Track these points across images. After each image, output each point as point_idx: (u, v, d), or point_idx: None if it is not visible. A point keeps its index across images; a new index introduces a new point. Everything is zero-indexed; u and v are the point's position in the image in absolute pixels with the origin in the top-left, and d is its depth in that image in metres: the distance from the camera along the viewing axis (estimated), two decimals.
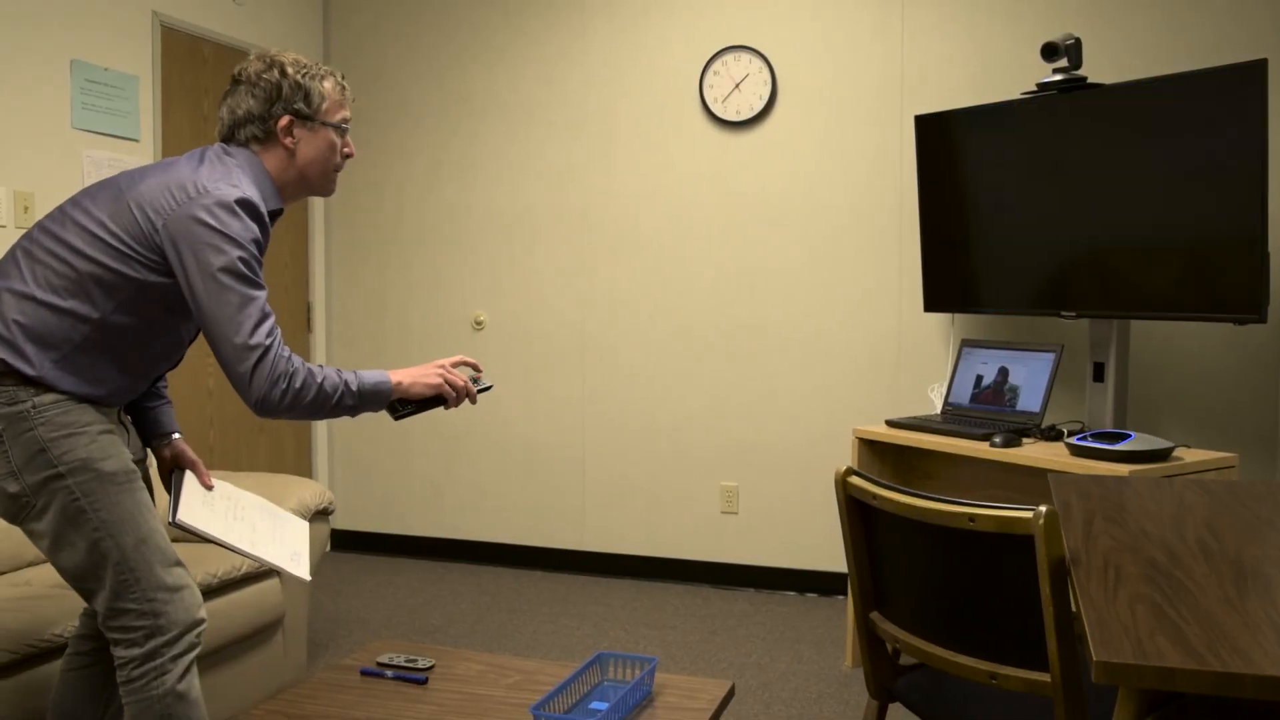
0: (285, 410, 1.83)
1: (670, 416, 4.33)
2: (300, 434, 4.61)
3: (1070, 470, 2.74)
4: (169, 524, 2.00)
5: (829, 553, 4.15)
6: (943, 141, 3.57)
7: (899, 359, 4.02)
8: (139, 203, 1.85)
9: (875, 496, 1.84)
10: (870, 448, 3.37)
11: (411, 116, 4.64)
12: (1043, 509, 1.58)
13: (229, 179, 1.87)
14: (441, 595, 4.14)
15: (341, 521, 4.84)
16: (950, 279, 3.60)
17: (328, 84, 2.00)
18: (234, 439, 4.22)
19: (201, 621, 1.88)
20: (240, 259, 1.81)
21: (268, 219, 1.92)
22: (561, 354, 4.46)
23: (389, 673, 2.09)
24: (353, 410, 1.91)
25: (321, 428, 4.81)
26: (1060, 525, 1.57)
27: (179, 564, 1.91)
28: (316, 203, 4.77)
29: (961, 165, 3.51)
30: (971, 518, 1.65)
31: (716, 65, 4.14)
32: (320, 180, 2.04)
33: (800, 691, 3.15)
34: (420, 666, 2.12)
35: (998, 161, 3.39)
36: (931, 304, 3.68)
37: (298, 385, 1.83)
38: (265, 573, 2.95)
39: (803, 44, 4.07)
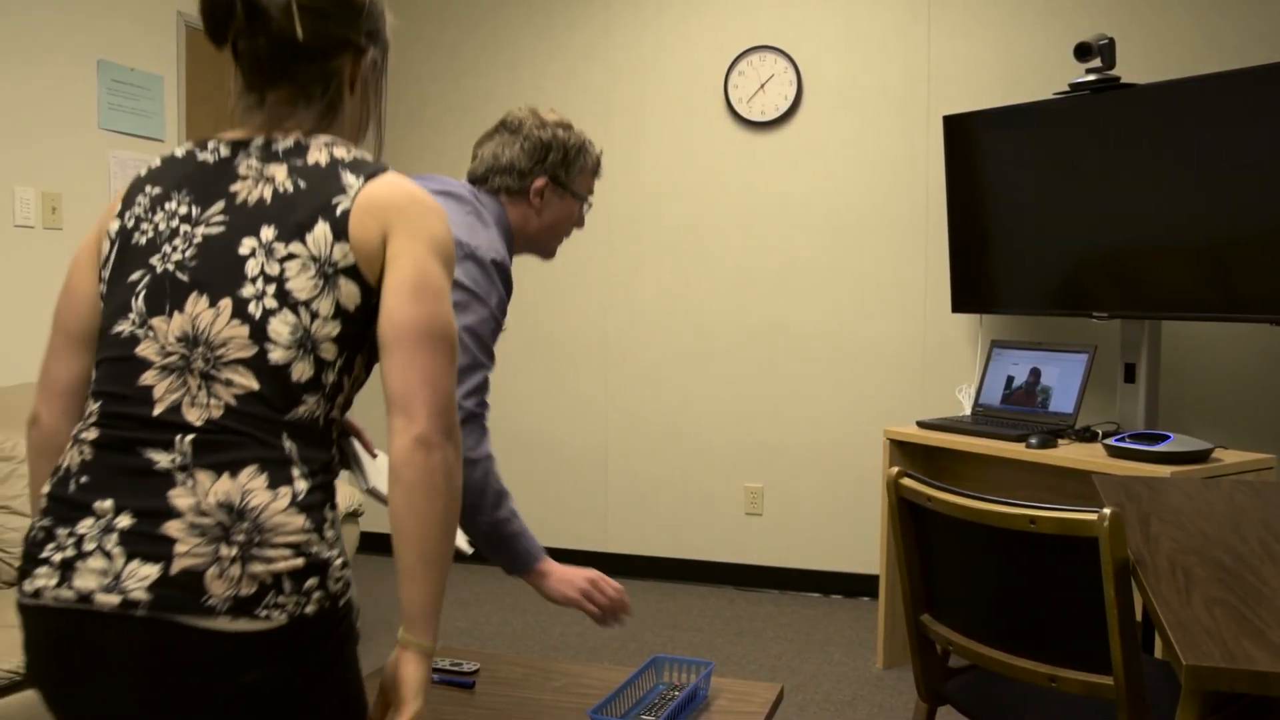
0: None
1: (694, 417, 4.32)
2: None
3: (1108, 472, 2.72)
4: (364, 492, 1.83)
5: (854, 554, 4.14)
6: (972, 142, 3.55)
7: (924, 360, 4.01)
8: None
9: (930, 498, 1.83)
10: (900, 449, 3.36)
11: (432, 116, 4.63)
12: (1106, 511, 1.57)
13: (489, 235, 1.84)
14: (465, 598, 4.13)
15: (369, 524, 4.82)
16: (979, 280, 3.59)
17: (589, 158, 1.98)
18: None
19: None
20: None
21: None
22: (584, 354, 4.45)
23: (435, 676, 2.07)
24: (482, 534, 1.76)
25: None
26: (1124, 527, 1.56)
27: None
28: None
29: (991, 165, 3.50)
30: (1032, 520, 1.64)
31: (741, 65, 4.13)
32: (548, 244, 2.01)
33: (833, 694, 3.13)
34: (466, 670, 2.10)
35: (1028, 162, 3.38)
36: (959, 305, 3.66)
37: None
38: None
39: (828, 44, 4.06)
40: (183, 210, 1.20)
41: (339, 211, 1.18)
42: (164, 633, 1.05)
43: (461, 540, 1.73)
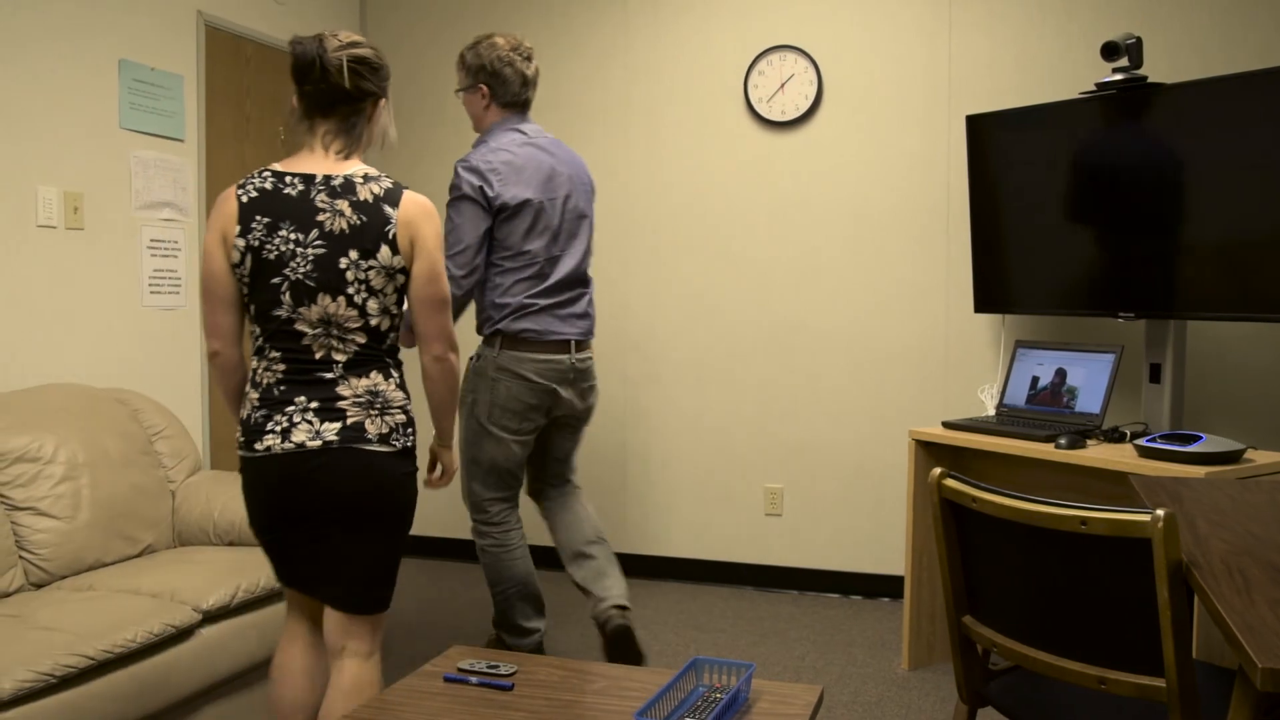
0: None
1: (714, 418, 4.31)
2: None
3: (1139, 472, 2.71)
4: None
5: (874, 555, 4.13)
6: (995, 141, 3.54)
7: (946, 360, 4.00)
8: None
9: (975, 499, 1.82)
10: (926, 449, 3.35)
11: (449, 117, 4.62)
12: (1160, 512, 1.56)
13: None
14: (485, 600, 4.12)
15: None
16: (1002, 280, 3.58)
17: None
18: None
19: None
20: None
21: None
22: (603, 354, 4.44)
23: (473, 679, 2.07)
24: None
25: None
26: (1179, 528, 1.54)
27: None
28: None
29: (1015, 165, 3.49)
30: (1083, 521, 1.63)
31: (761, 65, 4.12)
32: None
33: (859, 695, 3.12)
34: (504, 673, 2.09)
35: (1053, 161, 3.37)
36: (982, 305, 3.65)
37: None
38: None
39: (849, 44, 4.05)
40: (293, 237, 2.00)
41: (390, 235, 2.03)
42: (348, 453, 2.00)
43: None
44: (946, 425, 3.30)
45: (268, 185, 1.99)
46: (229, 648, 2.54)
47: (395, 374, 2.08)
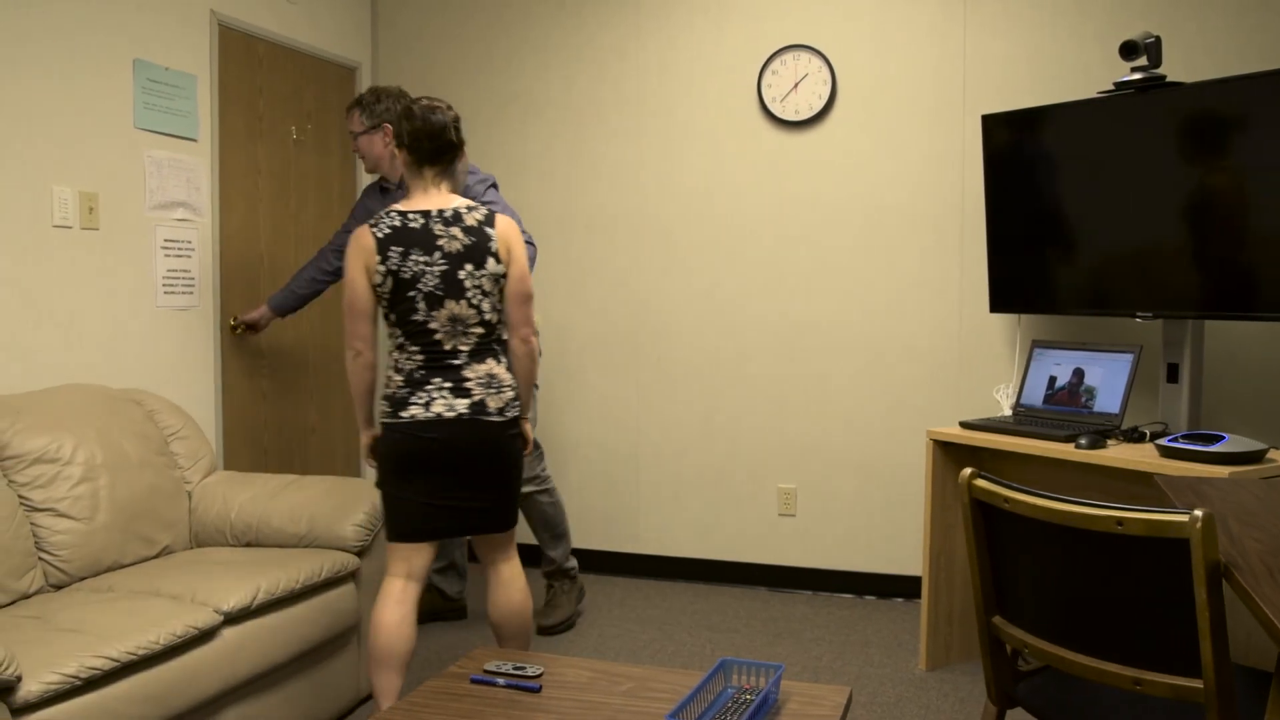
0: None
1: (726, 417, 4.30)
2: (350, 439, 4.58)
3: (1161, 472, 2.70)
4: None
5: (887, 555, 4.12)
6: (1011, 141, 3.53)
7: (960, 360, 3.99)
8: None
9: (1007, 499, 1.81)
10: (943, 449, 3.34)
11: (464, 116, 4.61)
12: (1199, 512, 1.55)
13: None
14: None
15: None
16: (1019, 280, 3.57)
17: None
18: (286, 440, 4.19)
19: None
20: None
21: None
22: (615, 354, 4.43)
23: (500, 680, 2.06)
24: None
25: None
26: (1217, 529, 1.54)
27: None
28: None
29: (1031, 165, 3.48)
30: (1120, 521, 1.62)
31: (775, 64, 4.11)
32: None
33: (878, 695, 3.11)
34: (531, 674, 2.09)
35: (1070, 161, 3.36)
36: (998, 305, 3.65)
37: None
38: (341, 578, 2.92)
39: (863, 43, 4.04)
40: (421, 259, 2.58)
41: (493, 250, 2.63)
42: (474, 423, 2.58)
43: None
44: (964, 425, 3.29)
45: (396, 223, 2.59)
46: (250, 649, 2.54)
47: (504, 358, 2.69)
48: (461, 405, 2.58)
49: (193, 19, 3.67)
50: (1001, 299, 3.64)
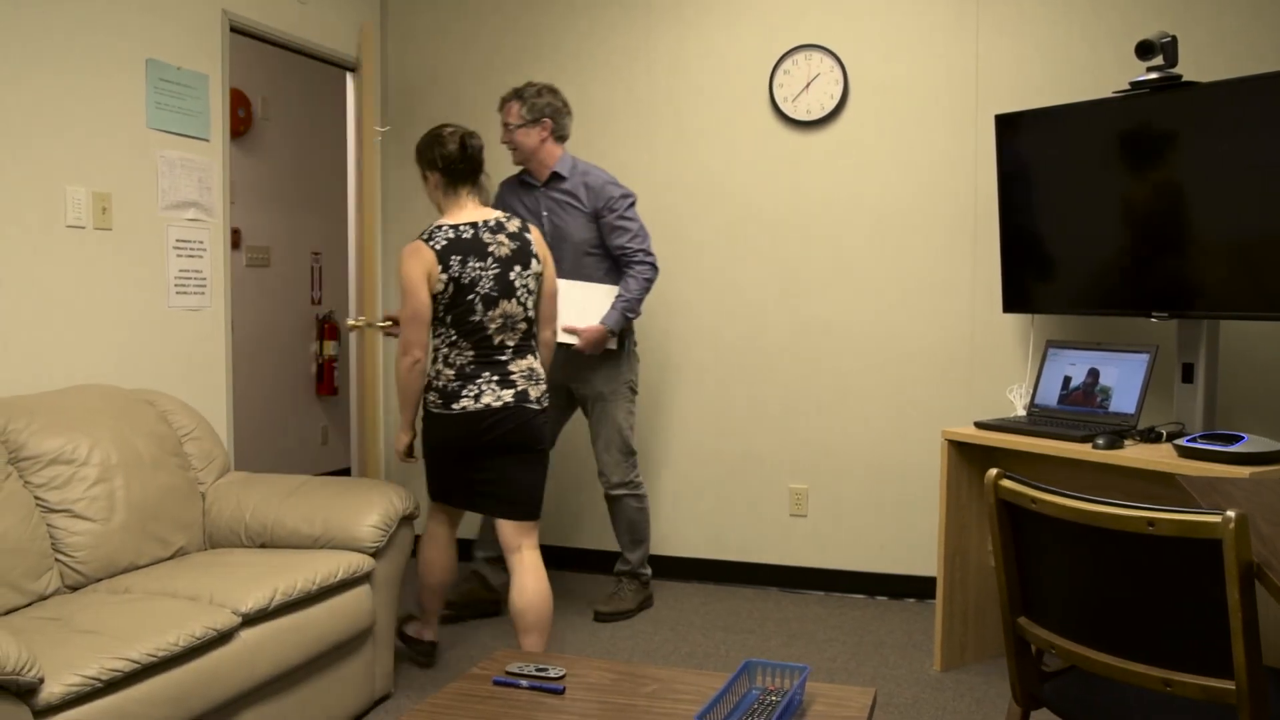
0: None
1: (737, 418, 4.29)
2: (368, 439, 4.58)
3: (1179, 472, 2.70)
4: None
5: (898, 555, 4.11)
6: (1025, 140, 3.53)
7: (973, 360, 3.98)
8: None
9: (1034, 500, 1.80)
10: (958, 450, 3.33)
11: (470, 118, 4.60)
12: (1231, 513, 1.54)
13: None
14: None
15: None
16: (1032, 280, 3.56)
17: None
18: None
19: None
20: None
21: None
22: None
23: (523, 682, 2.05)
24: None
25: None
26: (1250, 529, 1.53)
27: None
28: (375, 207, 4.73)
29: (1045, 165, 3.47)
30: (1151, 522, 1.62)
31: (787, 64, 4.10)
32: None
33: (894, 696, 3.11)
34: (554, 676, 2.08)
35: (1084, 161, 3.35)
36: (1011, 305, 3.64)
37: None
38: (357, 579, 2.91)
39: (875, 43, 4.03)
40: (477, 265, 2.94)
41: (535, 253, 3.08)
42: (519, 410, 2.99)
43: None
44: (979, 425, 3.29)
45: (450, 235, 2.95)
46: (268, 650, 2.53)
47: (538, 353, 3.12)
48: (508, 395, 2.97)
49: (204, 19, 3.66)
50: (1015, 299, 3.63)
